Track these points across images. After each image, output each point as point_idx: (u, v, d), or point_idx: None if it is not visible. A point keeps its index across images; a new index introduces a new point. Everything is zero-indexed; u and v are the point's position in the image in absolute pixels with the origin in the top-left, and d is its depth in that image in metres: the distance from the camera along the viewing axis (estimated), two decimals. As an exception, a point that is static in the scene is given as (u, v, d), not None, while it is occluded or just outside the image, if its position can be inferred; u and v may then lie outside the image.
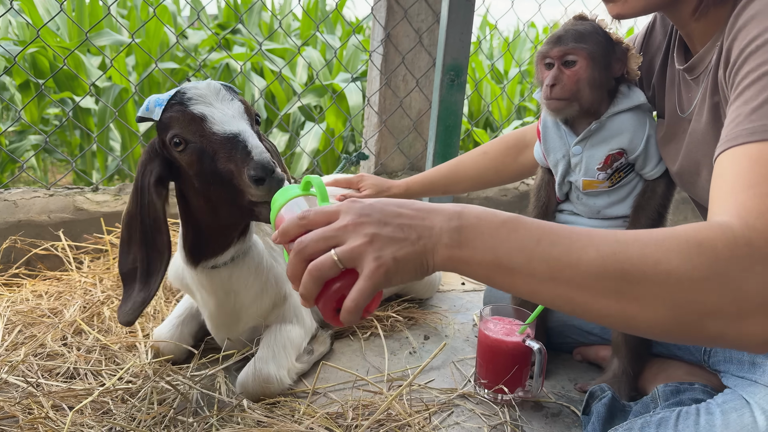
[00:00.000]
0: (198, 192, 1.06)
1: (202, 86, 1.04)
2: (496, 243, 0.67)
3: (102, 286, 1.61)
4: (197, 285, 1.21)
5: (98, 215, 1.82)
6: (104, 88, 3.64)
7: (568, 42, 1.20)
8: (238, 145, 0.96)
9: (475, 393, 1.31)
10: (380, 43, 2.08)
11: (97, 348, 1.31)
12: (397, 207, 0.71)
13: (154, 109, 1.04)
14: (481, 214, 0.70)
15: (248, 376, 1.18)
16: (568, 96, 1.22)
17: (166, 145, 1.05)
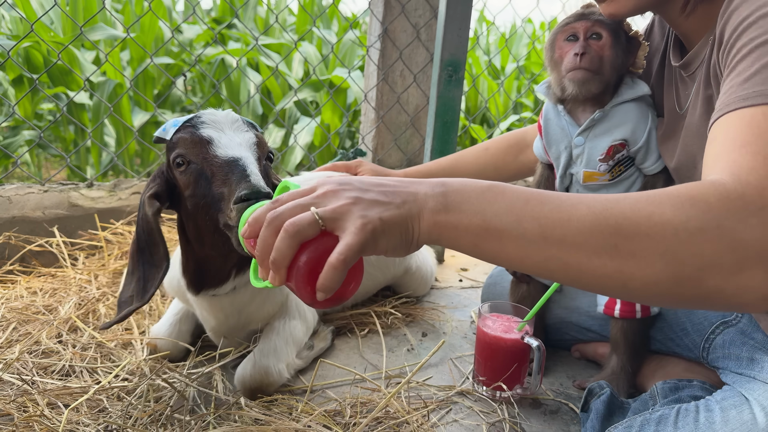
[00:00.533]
0: (189, 217, 1.06)
1: (220, 114, 1.06)
2: (483, 205, 0.65)
3: (97, 283, 1.60)
4: (197, 305, 1.22)
5: (93, 211, 1.81)
6: (98, 83, 3.62)
7: (595, 17, 1.19)
8: (236, 169, 0.94)
9: (474, 390, 1.30)
10: (377, 38, 2.06)
11: (93, 345, 1.30)
12: (377, 179, 0.69)
13: (169, 130, 1.06)
14: (464, 181, 0.68)
15: (247, 369, 1.18)
16: (596, 67, 1.20)
17: (170, 165, 1.06)
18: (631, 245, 0.61)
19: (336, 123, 3.93)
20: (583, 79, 1.21)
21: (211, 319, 1.23)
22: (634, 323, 1.28)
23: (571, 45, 1.21)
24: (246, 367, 1.18)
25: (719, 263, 0.59)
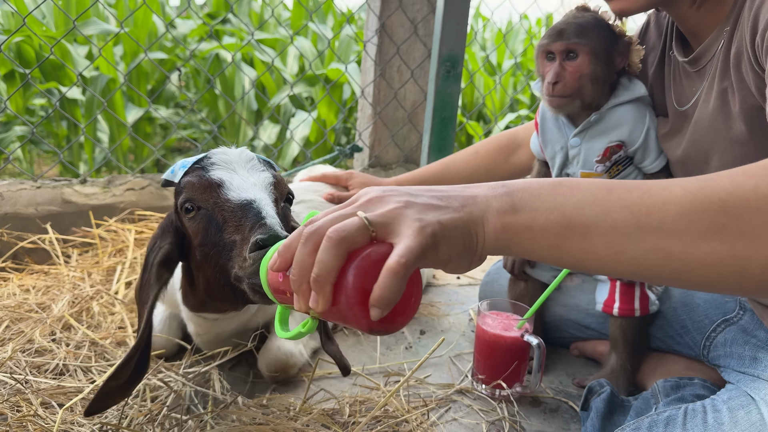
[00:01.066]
0: (198, 266, 0.97)
1: (233, 153, 0.97)
2: (559, 200, 0.57)
3: (91, 281, 1.58)
4: (188, 318, 1.19)
5: (87, 208, 1.78)
6: (91, 78, 3.58)
7: (570, 36, 1.17)
8: (250, 213, 0.85)
9: (473, 388, 1.29)
10: (374, 33, 2.05)
11: (87, 344, 1.28)
12: (425, 186, 0.61)
13: (178, 172, 0.97)
14: (528, 181, 0.60)
15: (271, 355, 1.20)
16: (570, 93, 1.19)
17: (178, 211, 0.97)
18: (741, 223, 0.53)
19: (332, 118, 3.91)
20: (558, 105, 1.22)
21: (203, 334, 1.20)
22: (633, 321, 1.27)
23: (550, 64, 1.20)
24: (269, 353, 1.20)
25: None
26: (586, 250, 0.56)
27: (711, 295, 1.26)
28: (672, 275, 0.56)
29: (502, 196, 0.59)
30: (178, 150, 5.04)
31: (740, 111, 0.98)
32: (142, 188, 1.89)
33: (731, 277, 0.54)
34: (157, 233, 1.01)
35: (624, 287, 1.25)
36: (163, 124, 4.80)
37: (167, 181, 1.00)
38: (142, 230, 1.79)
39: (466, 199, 0.59)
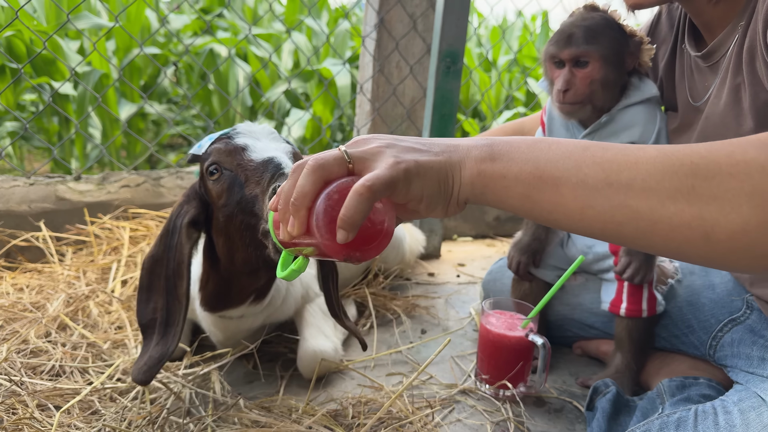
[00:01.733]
0: (220, 230, 1.01)
1: (257, 126, 1.03)
2: (536, 153, 0.59)
3: (86, 279, 1.55)
4: (204, 319, 1.20)
5: (81, 205, 1.75)
6: (84, 73, 3.53)
7: (579, 42, 1.13)
8: (269, 165, 0.90)
9: (476, 388, 1.28)
10: (373, 28, 2.02)
11: (83, 344, 1.25)
12: (412, 137, 0.65)
13: (205, 144, 1.03)
14: (511, 137, 0.62)
15: (308, 357, 1.21)
16: (582, 100, 1.17)
17: (203, 176, 1.01)
18: (711, 186, 0.52)
19: (327, 115, 3.88)
20: (570, 112, 1.20)
21: (218, 334, 1.21)
22: (639, 321, 1.26)
23: (559, 71, 1.18)
24: (308, 358, 1.22)
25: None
26: (556, 202, 0.58)
27: (717, 294, 1.25)
28: (637, 234, 0.56)
29: (484, 146, 0.61)
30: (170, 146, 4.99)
31: (751, 106, 0.96)
32: (138, 185, 1.86)
33: (697, 241, 0.54)
34: (182, 201, 1.05)
35: (632, 288, 1.24)
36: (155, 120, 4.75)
37: (194, 157, 1.05)
38: (137, 228, 1.76)
39: (448, 146, 0.62)
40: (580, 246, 1.34)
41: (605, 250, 1.30)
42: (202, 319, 1.20)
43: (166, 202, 1.86)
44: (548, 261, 1.39)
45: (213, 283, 1.11)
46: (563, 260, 1.39)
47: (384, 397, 1.19)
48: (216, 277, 1.09)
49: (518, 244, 1.37)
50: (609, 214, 0.55)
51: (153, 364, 0.96)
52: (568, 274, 1.21)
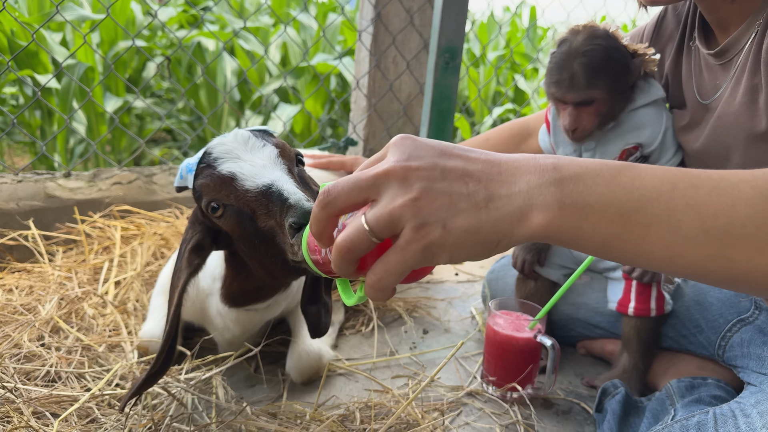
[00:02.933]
0: (249, 256, 0.97)
1: (229, 139, 0.95)
2: (618, 194, 0.51)
3: (78, 280, 1.50)
4: (223, 316, 1.16)
5: (71, 203, 1.70)
6: (68, 66, 3.45)
7: (581, 86, 1.12)
8: (273, 197, 0.85)
9: (483, 390, 1.26)
10: (370, 22, 1.99)
11: (79, 348, 1.21)
12: (462, 151, 0.54)
13: (187, 177, 0.96)
14: (583, 162, 0.53)
15: (302, 359, 1.20)
16: (591, 129, 1.18)
17: (205, 213, 0.96)
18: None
19: (318, 110, 3.84)
20: (580, 140, 1.20)
21: (235, 329, 1.17)
22: (647, 321, 1.24)
23: (563, 107, 1.17)
24: (300, 358, 1.20)
25: None
26: (641, 250, 0.51)
27: (725, 294, 1.25)
28: (727, 280, 0.52)
29: (549, 185, 0.51)
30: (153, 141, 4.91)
31: (767, 107, 0.95)
32: (130, 182, 1.81)
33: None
34: (189, 224, 1.02)
35: (640, 287, 1.22)
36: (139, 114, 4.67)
37: (181, 188, 1.00)
38: (128, 227, 1.71)
39: (498, 188, 0.52)
40: (586, 245, 1.32)
41: (613, 249, 1.28)
42: (217, 315, 1.16)
43: (159, 200, 1.81)
44: (553, 259, 1.37)
45: (239, 288, 1.08)
46: (569, 259, 1.37)
47: (391, 401, 1.16)
48: (243, 281, 1.06)
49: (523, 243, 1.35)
50: (701, 264, 0.51)
51: (134, 387, 0.93)
52: (578, 274, 1.19)
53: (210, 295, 1.15)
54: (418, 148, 0.54)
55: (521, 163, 0.53)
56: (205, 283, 1.15)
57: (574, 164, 0.53)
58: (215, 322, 1.18)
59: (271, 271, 0.96)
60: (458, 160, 0.53)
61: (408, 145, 0.54)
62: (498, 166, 0.53)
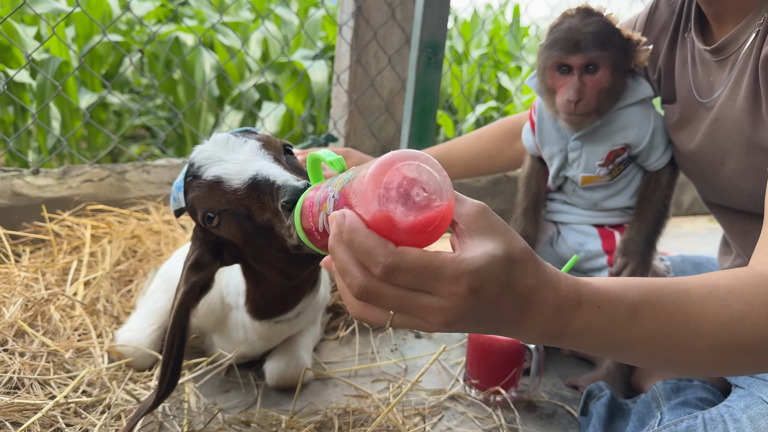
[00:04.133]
0: (258, 260, 0.94)
1: (208, 145, 0.91)
2: (604, 342, 0.60)
3: (45, 281, 1.44)
4: (247, 330, 1.12)
5: (39, 201, 1.63)
6: (42, 61, 3.35)
7: (589, 48, 1.08)
8: (261, 186, 0.82)
9: (466, 394, 1.22)
10: (351, 16, 1.94)
11: (44, 353, 1.15)
12: (502, 297, 0.53)
13: (179, 196, 0.93)
14: (592, 321, 0.58)
15: (289, 368, 1.16)
16: (593, 107, 1.12)
17: (204, 228, 0.92)
18: (749, 358, 0.64)
19: (299, 107, 3.79)
20: (578, 123, 1.15)
21: (257, 343, 1.14)
22: (633, 321, 1.22)
23: (564, 78, 1.12)
24: (288, 364, 1.16)
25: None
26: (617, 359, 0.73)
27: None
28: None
29: (551, 326, 0.57)
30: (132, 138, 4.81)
31: None
32: (101, 179, 1.75)
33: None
34: (191, 240, 0.98)
35: (626, 287, 1.20)
36: (116, 110, 4.57)
37: (179, 211, 0.96)
38: (99, 225, 1.65)
39: (509, 326, 0.56)
40: (571, 243, 1.29)
41: (598, 248, 1.26)
42: (239, 329, 1.13)
43: (132, 197, 1.75)
44: (537, 260, 1.34)
45: (263, 298, 1.04)
46: (553, 258, 1.34)
47: (371, 406, 1.12)
48: (264, 291, 1.03)
49: (506, 243, 1.32)
50: (660, 368, 0.73)
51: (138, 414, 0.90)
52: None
53: (234, 309, 1.11)
54: (471, 296, 0.51)
55: (539, 307, 0.56)
56: (231, 299, 1.11)
57: (584, 318, 0.57)
58: (234, 335, 1.14)
59: (283, 270, 0.93)
60: (494, 313, 0.54)
61: (463, 290, 0.51)
62: (518, 311, 0.55)
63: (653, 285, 0.61)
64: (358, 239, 0.49)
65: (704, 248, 2.57)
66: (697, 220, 3.08)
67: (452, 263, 0.49)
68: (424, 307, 0.51)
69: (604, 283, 0.59)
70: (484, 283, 0.50)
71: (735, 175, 1.04)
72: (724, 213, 1.19)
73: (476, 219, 0.53)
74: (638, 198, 1.23)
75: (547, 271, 0.56)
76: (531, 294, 0.54)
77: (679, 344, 0.60)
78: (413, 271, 0.49)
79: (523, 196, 1.33)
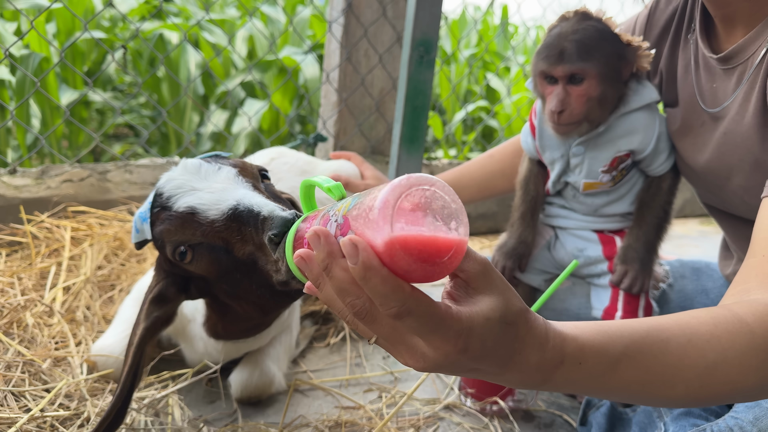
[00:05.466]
0: (233, 296, 0.88)
1: (178, 172, 0.84)
2: (581, 389, 0.64)
3: (21, 286, 1.37)
4: (206, 344, 1.08)
5: (17, 202, 1.57)
6: (22, 57, 3.27)
7: (573, 59, 1.04)
8: (243, 217, 0.76)
9: (461, 403, 1.18)
10: (341, 13, 1.89)
11: (19, 363, 1.09)
12: (484, 358, 0.54)
13: (143, 227, 0.85)
14: (572, 376, 0.59)
15: (253, 376, 1.09)
16: (579, 118, 1.08)
17: (172, 262, 0.86)
18: (711, 402, 0.67)
19: (286, 105, 3.73)
20: (565, 133, 1.12)
21: (217, 357, 1.09)
22: (633, 328, 1.18)
23: (551, 87, 1.09)
24: (252, 374, 1.09)
25: None
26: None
27: (711, 300, 1.20)
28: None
29: (532, 380, 0.59)
30: (115, 137, 4.72)
31: None
32: (82, 180, 1.68)
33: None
34: (154, 270, 0.92)
35: (628, 296, 1.16)
36: (99, 108, 4.49)
37: (141, 243, 0.89)
38: (79, 227, 1.59)
39: (492, 375, 0.58)
40: (569, 249, 1.26)
41: (598, 253, 1.22)
42: (199, 341, 1.08)
43: (114, 198, 1.69)
44: (535, 265, 1.31)
45: (223, 327, 1.00)
46: (550, 264, 1.30)
47: (363, 418, 1.08)
48: (228, 324, 0.98)
49: (503, 248, 1.28)
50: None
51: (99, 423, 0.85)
52: (561, 280, 1.13)
53: (191, 322, 1.06)
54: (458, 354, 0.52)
55: (522, 364, 0.57)
56: (187, 310, 1.06)
57: (567, 376, 0.59)
58: (197, 346, 1.10)
59: (261, 307, 0.88)
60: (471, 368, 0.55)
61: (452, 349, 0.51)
62: (502, 363, 0.56)
63: (635, 335, 0.62)
64: (373, 281, 0.47)
65: (695, 251, 2.56)
66: (688, 222, 3.07)
67: (452, 319, 0.50)
68: (410, 347, 0.51)
69: (589, 335, 0.60)
70: (471, 344, 0.51)
71: (741, 190, 1.00)
72: (726, 218, 1.16)
73: (478, 276, 0.53)
74: (638, 203, 1.19)
75: (536, 332, 0.56)
76: (515, 355, 0.55)
77: (652, 392, 0.63)
78: (420, 319, 0.49)
79: (520, 200, 1.29)
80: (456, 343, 0.50)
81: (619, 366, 0.60)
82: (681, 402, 0.66)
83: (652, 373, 0.62)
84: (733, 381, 0.63)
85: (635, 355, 0.61)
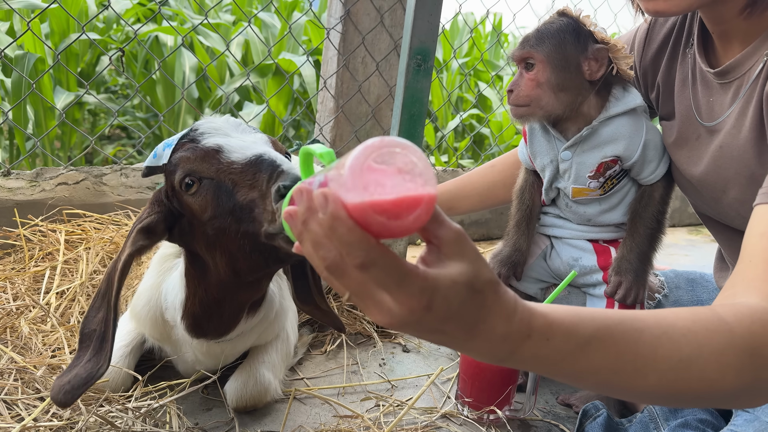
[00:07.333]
0: (211, 245, 0.89)
1: (219, 120, 0.90)
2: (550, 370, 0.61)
3: (14, 290, 1.36)
4: (190, 347, 1.08)
5: (10, 204, 1.56)
6: (16, 57, 3.24)
7: (526, 45, 1.12)
8: (263, 165, 0.80)
9: (458, 412, 1.18)
10: (339, 20, 1.90)
11: (12, 371, 1.08)
12: (450, 320, 0.54)
13: (163, 153, 0.89)
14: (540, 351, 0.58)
15: (248, 384, 1.08)
16: (525, 102, 1.13)
17: (175, 190, 0.89)
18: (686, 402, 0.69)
19: (281, 110, 3.73)
20: (518, 115, 1.16)
21: (206, 362, 1.10)
22: (629, 339, 1.19)
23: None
24: (246, 382, 1.09)
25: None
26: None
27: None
28: None
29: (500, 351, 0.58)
30: (107, 138, 4.70)
31: None
32: (77, 183, 1.67)
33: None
34: (148, 204, 0.94)
35: (623, 307, 1.17)
36: (91, 109, 4.46)
37: (150, 169, 0.92)
38: (74, 230, 1.58)
39: (457, 343, 0.57)
40: (565, 258, 1.26)
41: (593, 263, 1.23)
42: (186, 346, 1.08)
43: (109, 202, 1.68)
44: (530, 273, 1.31)
45: (201, 305, 0.99)
46: (546, 273, 1.31)
47: (361, 427, 1.08)
48: (205, 298, 0.98)
49: (498, 256, 1.28)
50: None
51: (78, 384, 0.85)
52: (560, 289, 1.13)
53: (174, 328, 1.06)
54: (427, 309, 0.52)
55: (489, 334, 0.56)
56: (169, 315, 1.06)
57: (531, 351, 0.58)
58: (184, 350, 1.10)
59: (235, 261, 0.88)
60: (439, 329, 0.55)
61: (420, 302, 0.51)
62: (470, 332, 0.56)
63: (608, 320, 0.61)
64: (340, 230, 0.48)
65: (684, 260, 2.57)
66: (677, 231, 3.10)
67: (417, 276, 0.50)
68: (377, 302, 0.51)
69: (559, 314, 0.59)
70: (435, 303, 0.51)
71: (737, 203, 1.02)
72: (722, 230, 1.17)
73: (451, 243, 0.53)
74: (631, 214, 1.20)
75: (504, 303, 0.56)
76: (479, 323, 0.55)
77: (623, 380, 0.62)
78: (385, 270, 0.49)
79: (516, 209, 1.30)
80: (420, 299, 0.50)
81: (589, 348, 0.59)
82: (654, 395, 0.65)
83: (623, 361, 0.61)
84: (709, 378, 0.62)
85: (606, 339, 0.60)
